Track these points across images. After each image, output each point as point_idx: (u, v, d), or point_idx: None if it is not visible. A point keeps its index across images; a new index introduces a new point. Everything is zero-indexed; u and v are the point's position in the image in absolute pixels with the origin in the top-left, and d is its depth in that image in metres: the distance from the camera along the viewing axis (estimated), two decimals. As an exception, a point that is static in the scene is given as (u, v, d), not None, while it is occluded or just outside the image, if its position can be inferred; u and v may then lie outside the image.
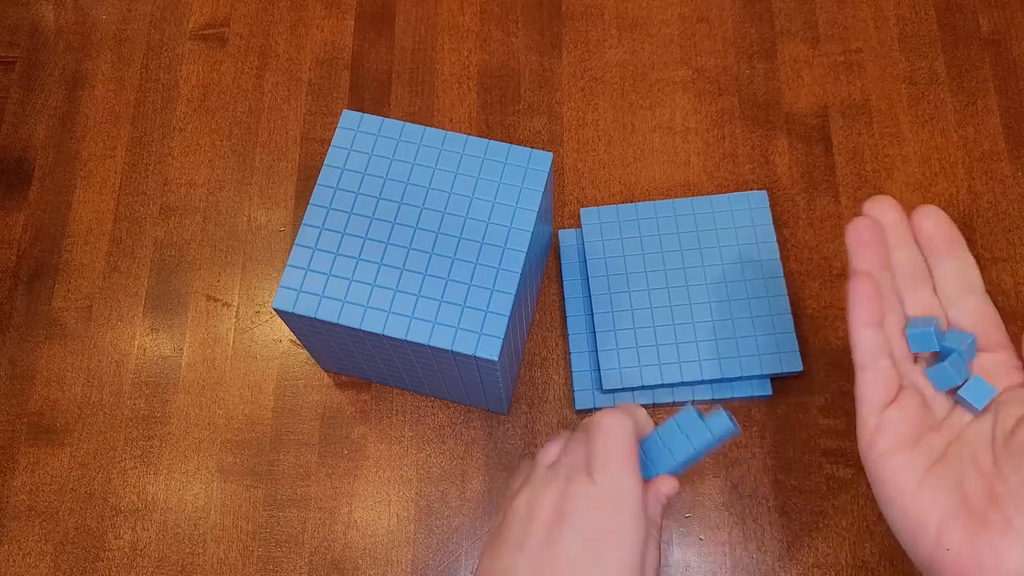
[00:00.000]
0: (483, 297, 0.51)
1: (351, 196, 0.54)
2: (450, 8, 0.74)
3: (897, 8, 0.73)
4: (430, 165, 0.54)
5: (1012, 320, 0.64)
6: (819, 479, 0.61)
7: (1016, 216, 0.66)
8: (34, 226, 0.70)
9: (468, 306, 0.51)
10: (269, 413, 0.64)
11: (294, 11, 0.75)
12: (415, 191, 0.54)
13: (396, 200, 0.53)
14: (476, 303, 0.51)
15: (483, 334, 0.50)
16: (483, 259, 0.52)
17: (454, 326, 0.50)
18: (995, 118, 0.69)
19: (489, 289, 0.51)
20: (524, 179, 0.54)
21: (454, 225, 0.53)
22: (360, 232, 0.53)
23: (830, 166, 0.68)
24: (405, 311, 0.51)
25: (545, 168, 0.54)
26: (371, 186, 0.54)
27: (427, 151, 0.55)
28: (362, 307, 0.51)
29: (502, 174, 0.54)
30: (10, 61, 0.75)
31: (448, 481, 0.62)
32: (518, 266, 0.52)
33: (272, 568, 0.60)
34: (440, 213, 0.53)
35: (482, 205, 0.53)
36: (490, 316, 0.51)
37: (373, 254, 0.52)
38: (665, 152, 0.69)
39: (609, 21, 0.73)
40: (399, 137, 0.55)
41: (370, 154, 0.55)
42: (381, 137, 0.55)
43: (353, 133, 0.55)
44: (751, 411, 0.62)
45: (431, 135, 0.55)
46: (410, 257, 0.52)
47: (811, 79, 0.71)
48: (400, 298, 0.51)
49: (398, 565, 0.60)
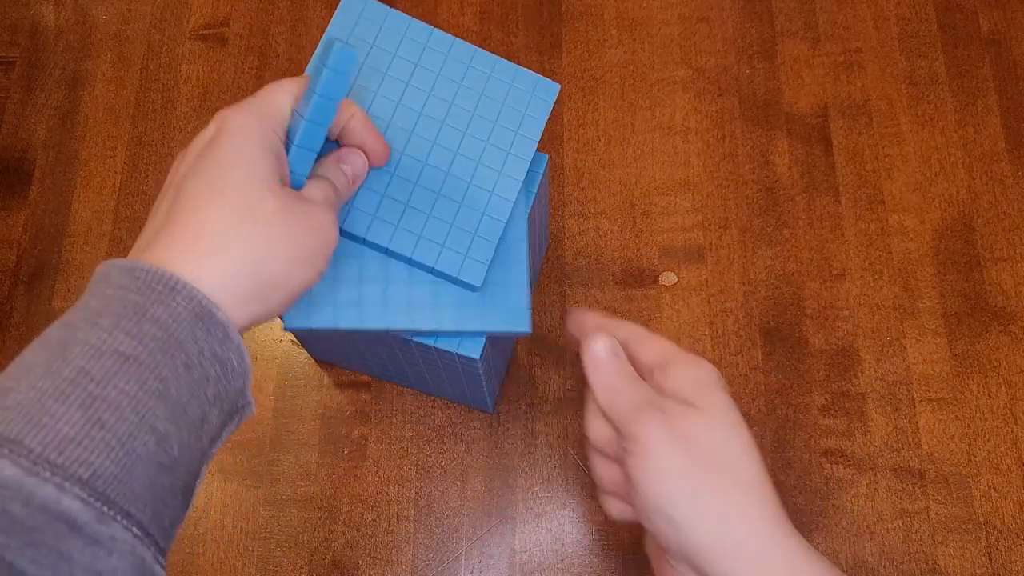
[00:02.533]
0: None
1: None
2: (450, 8, 0.74)
3: (897, 8, 0.73)
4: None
5: (1012, 320, 0.64)
6: (819, 479, 0.61)
7: (1016, 216, 0.66)
8: (34, 226, 0.70)
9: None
10: (269, 413, 0.64)
11: (294, 11, 0.75)
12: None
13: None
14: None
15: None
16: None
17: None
18: (995, 118, 0.69)
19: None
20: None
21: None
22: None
23: (830, 166, 0.68)
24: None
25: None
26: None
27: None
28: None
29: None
30: (10, 61, 0.75)
31: (448, 481, 0.62)
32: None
33: (272, 568, 0.60)
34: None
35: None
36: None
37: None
38: (665, 152, 0.69)
39: (609, 21, 0.73)
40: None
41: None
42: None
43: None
44: (750, 411, 0.62)
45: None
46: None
47: (811, 79, 0.71)
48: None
49: (398, 565, 0.60)
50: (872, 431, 0.61)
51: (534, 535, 0.60)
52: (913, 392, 0.62)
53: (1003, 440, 0.61)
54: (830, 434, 0.62)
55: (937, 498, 0.60)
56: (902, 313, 0.64)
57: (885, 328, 0.64)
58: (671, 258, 0.66)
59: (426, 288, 0.49)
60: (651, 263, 0.66)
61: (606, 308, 0.65)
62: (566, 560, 0.59)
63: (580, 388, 0.64)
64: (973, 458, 0.61)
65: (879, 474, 0.60)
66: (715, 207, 0.67)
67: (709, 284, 0.65)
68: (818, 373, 0.63)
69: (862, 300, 0.65)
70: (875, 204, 0.67)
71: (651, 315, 0.65)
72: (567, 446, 0.62)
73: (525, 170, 0.50)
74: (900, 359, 0.63)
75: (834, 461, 0.61)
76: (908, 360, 0.63)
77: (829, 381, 0.63)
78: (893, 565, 0.58)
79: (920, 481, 0.60)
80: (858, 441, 0.61)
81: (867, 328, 0.64)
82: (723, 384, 0.41)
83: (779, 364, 0.63)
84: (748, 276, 0.66)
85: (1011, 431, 0.61)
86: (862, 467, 0.61)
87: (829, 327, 0.64)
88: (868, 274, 0.65)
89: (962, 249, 0.66)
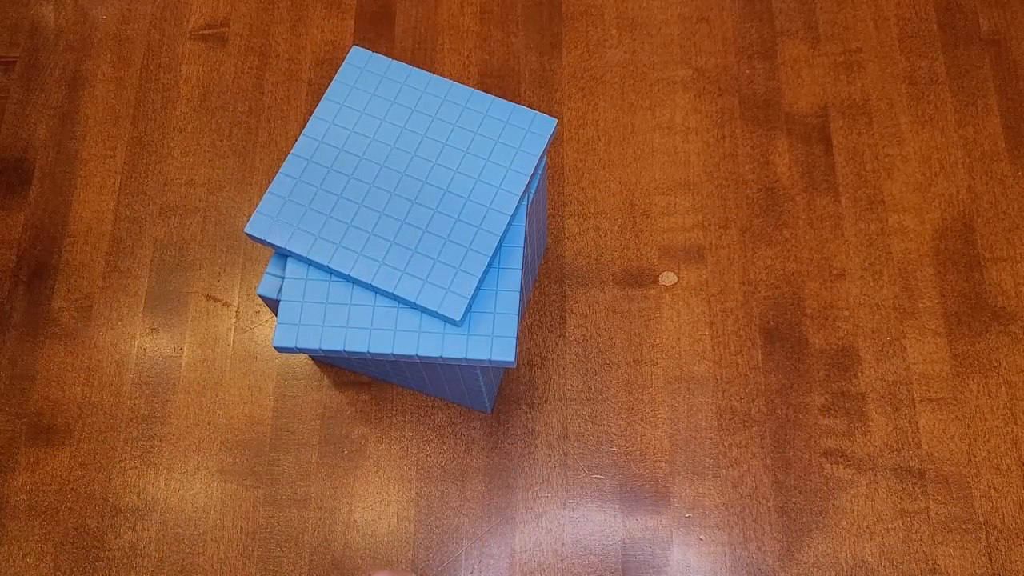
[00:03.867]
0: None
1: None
2: (450, 8, 0.74)
3: (897, 8, 0.73)
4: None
5: (1012, 320, 0.64)
6: (819, 479, 0.60)
7: (1016, 216, 0.66)
8: (34, 226, 0.70)
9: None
10: (269, 413, 0.64)
11: (294, 11, 0.75)
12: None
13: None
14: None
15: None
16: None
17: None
18: (995, 118, 0.69)
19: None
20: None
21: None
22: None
23: (830, 166, 0.68)
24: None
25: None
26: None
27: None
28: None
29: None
30: (10, 61, 0.75)
31: (448, 481, 0.62)
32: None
33: (272, 568, 0.60)
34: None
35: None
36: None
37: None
38: (665, 152, 0.69)
39: (609, 21, 0.73)
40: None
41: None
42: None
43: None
44: (750, 411, 0.62)
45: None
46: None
47: (811, 79, 0.71)
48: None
49: (398, 565, 0.60)
50: (872, 431, 0.61)
51: (534, 535, 0.60)
52: (913, 392, 0.62)
53: (1003, 440, 0.61)
54: (830, 434, 0.62)
55: (937, 498, 0.60)
56: (902, 313, 0.64)
57: (885, 328, 0.64)
58: (671, 258, 0.66)
59: (413, 314, 0.50)
60: (651, 263, 0.66)
61: (606, 308, 0.65)
62: (566, 560, 0.59)
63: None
64: (973, 458, 0.61)
65: (879, 474, 0.60)
66: (715, 207, 0.67)
67: (709, 284, 0.65)
68: (818, 373, 0.63)
69: (862, 300, 0.65)
70: (875, 204, 0.67)
71: (651, 315, 0.65)
72: (567, 446, 0.62)
73: (515, 204, 0.52)
74: (900, 359, 0.63)
75: (834, 461, 0.61)
76: (908, 360, 0.63)
77: (829, 381, 0.63)
78: (893, 565, 0.58)
79: (920, 481, 0.60)
80: (858, 441, 0.61)
81: (867, 328, 0.64)
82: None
83: (779, 364, 0.63)
84: (748, 276, 0.66)
85: (1011, 431, 0.61)
86: (862, 467, 0.61)
87: (829, 327, 0.64)
88: (868, 274, 0.65)
89: (962, 249, 0.66)
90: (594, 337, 0.64)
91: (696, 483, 0.61)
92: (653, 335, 0.64)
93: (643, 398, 0.63)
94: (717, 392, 0.63)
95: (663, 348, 0.64)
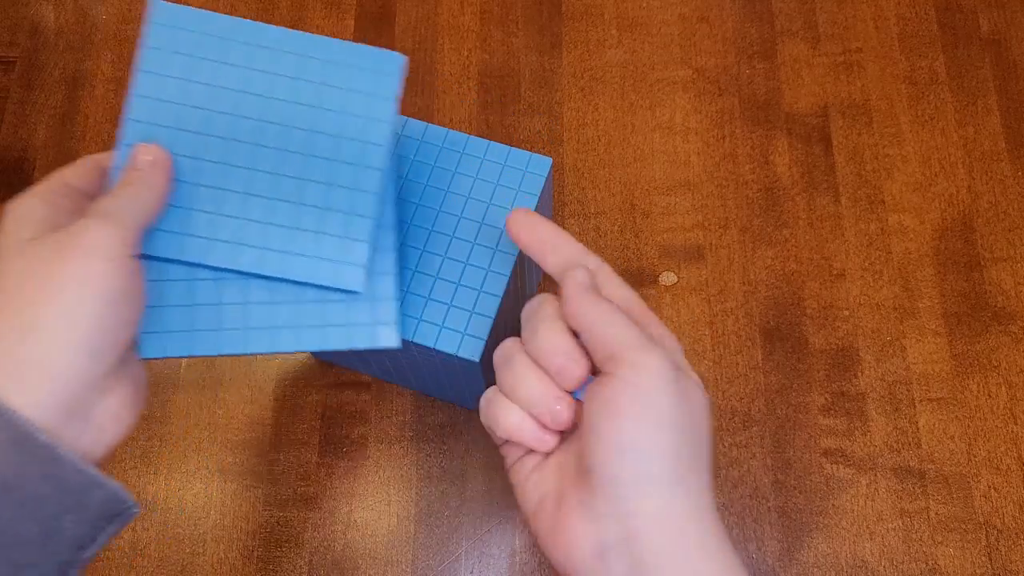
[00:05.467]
0: (470, 298, 0.51)
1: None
2: (450, 8, 0.74)
3: (897, 8, 0.73)
4: (429, 163, 0.54)
5: (1012, 320, 0.64)
6: (819, 479, 0.61)
7: (1016, 216, 0.66)
8: (34, 226, 0.70)
9: (454, 305, 0.51)
10: (269, 413, 0.64)
11: (294, 11, 0.75)
12: (412, 187, 0.54)
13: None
14: (463, 303, 0.51)
15: (467, 335, 0.50)
16: (473, 260, 0.52)
17: (439, 324, 0.50)
18: (995, 118, 0.69)
19: (477, 290, 0.51)
20: (521, 182, 0.54)
21: (447, 224, 0.52)
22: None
23: (830, 166, 0.68)
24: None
25: (543, 173, 0.54)
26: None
27: (428, 148, 0.55)
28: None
29: (500, 176, 0.54)
30: (10, 61, 0.75)
31: (448, 481, 0.62)
32: (507, 269, 0.51)
33: (272, 568, 0.60)
34: (435, 211, 0.53)
35: (477, 205, 0.53)
36: (475, 317, 0.50)
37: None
38: (665, 152, 0.69)
39: (609, 21, 0.73)
40: (401, 132, 0.55)
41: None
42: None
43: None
44: (750, 411, 0.62)
45: (433, 132, 0.55)
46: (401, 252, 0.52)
47: (811, 79, 0.71)
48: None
49: (398, 565, 0.60)
50: (872, 431, 0.61)
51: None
52: (913, 392, 0.62)
53: (1003, 440, 0.61)
54: (830, 434, 0.62)
55: (937, 498, 0.60)
56: (902, 313, 0.64)
57: (885, 328, 0.64)
58: (671, 258, 0.66)
59: (289, 308, 0.46)
60: (651, 263, 0.66)
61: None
62: (566, 560, 0.59)
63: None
64: (973, 458, 0.61)
65: (879, 474, 0.60)
66: (715, 207, 0.67)
67: (709, 284, 0.65)
68: (818, 373, 0.63)
69: (862, 300, 0.65)
70: (875, 204, 0.67)
71: (651, 315, 0.65)
72: (567, 446, 0.62)
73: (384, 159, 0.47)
74: (900, 359, 0.63)
75: (834, 461, 0.61)
76: (908, 360, 0.63)
77: (829, 381, 0.63)
78: (893, 565, 0.58)
79: (920, 481, 0.60)
80: (858, 441, 0.61)
81: (867, 328, 0.64)
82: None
83: (779, 364, 0.63)
84: (748, 276, 0.66)
85: (1011, 431, 0.61)
86: (862, 467, 0.61)
87: (829, 327, 0.64)
88: (868, 274, 0.65)
89: (962, 249, 0.66)
90: (594, 337, 0.64)
91: (696, 483, 0.61)
92: (653, 335, 0.64)
93: (643, 398, 0.63)
94: (717, 392, 0.63)
95: (663, 348, 0.64)
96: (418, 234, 0.52)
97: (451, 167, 0.54)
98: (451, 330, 0.50)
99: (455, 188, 0.53)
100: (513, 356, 0.39)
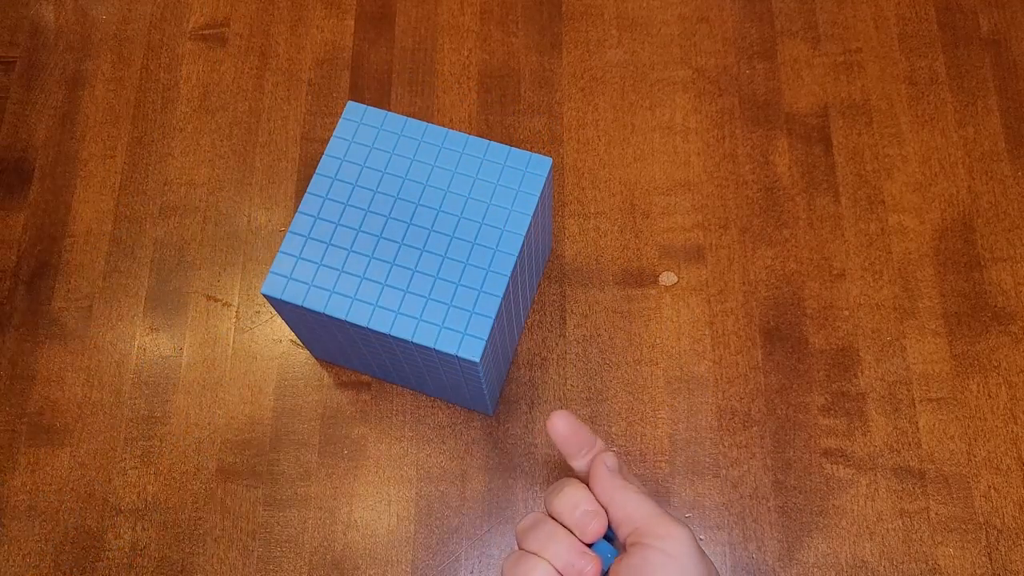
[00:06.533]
0: (470, 298, 0.51)
1: (348, 187, 0.54)
2: (450, 8, 0.74)
3: (897, 8, 0.73)
4: (429, 162, 0.54)
5: (1012, 320, 0.64)
6: (819, 479, 0.61)
7: (1016, 216, 0.66)
8: (34, 226, 0.70)
9: (454, 305, 0.51)
10: (269, 413, 0.64)
11: (294, 11, 0.75)
12: (412, 187, 0.54)
13: (392, 195, 0.54)
14: (463, 303, 0.51)
15: (467, 334, 0.51)
16: (473, 260, 0.52)
17: (439, 324, 0.51)
18: (995, 118, 0.69)
19: (476, 290, 0.51)
20: (521, 182, 0.54)
21: (447, 224, 0.53)
22: (354, 224, 0.53)
23: (830, 166, 0.68)
24: (391, 306, 0.51)
25: (543, 173, 0.54)
26: (369, 179, 0.54)
27: (427, 148, 0.55)
28: (349, 298, 0.51)
29: (500, 176, 0.54)
30: (10, 61, 0.75)
31: (448, 481, 0.62)
32: (508, 269, 0.52)
33: (272, 568, 0.60)
34: (435, 211, 0.53)
35: (477, 205, 0.53)
36: (475, 317, 0.51)
37: (365, 247, 0.53)
38: (665, 152, 0.69)
39: (609, 21, 0.73)
40: (401, 132, 0.55)
41: (371, 147, 0.55)
42: (383, 131, 0.55)
43: (356, 125, 0.56)
44: (750, 411, 0.62)
45: (432, 132, 0.55)
46: (401, 252, 0.52)
47: (811, 79, 0.71)
48: (388, 292, 0.52)
49: (398, 565, 0.60)
50: (872, 431, 0.61)
51: (534, 535, 0.60)
52: (913, 392, 0.62)
53: (1003, 440, 0.61)
54: (830, 434, 0.62)
55: (937, 498, 0.60)
56: (902, 313, 0.64)
57: (885, 328, 0.64)
58: (671, 258, 0.66)
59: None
60: (651, 263, 0.66)
61: (606, 308, 0.65)
62: (566, 560, 0.59)
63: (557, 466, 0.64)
64: (973, 458, 0.61)
65: (879, 474, 0.60)
66: (715, 207, 0.67)
67: (709, 284, 0.65)
68: (818, 373, 0.63)
69: (862, 300, 0.65)
70: (875, 204, 0.67)
71: (651, 315, 0.65)
72: (567, 446, 0.62)
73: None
74: (900, 359, 0.63)
75: (834, 461, 0.61)
76: (908, 360, 0.63)
77: (829, 381, 0.63)
78: (893, 565, 0.58)
79: (920, 481, 0.60)
80: (858, 441, 0.61)
81: (867, 328, 0.64)
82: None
83: (779, 364, 0.63)
84: (748, 276, 0.66)
85: (1011, 431, 0.61)
86: (862, 467, 0.61)
87: (829, 327, 0.64)
88: (868, 274, 0.65)
89: (962, 249, 0.66)
90: (594, 337, 0.64)
91: (696, 483, 0.61)
92: (653, 335, 0.64)
93: (643, 398, 0.63)
94: (717, 392, 0.63)
95: (663, 348, 0.64)
96: (418, 234, 0.53)
97: (451, 167, 0.54)
98: (451, 330, 0.51)
99: (455, 188, 0.54)
100: (539, 519, 0.41)
